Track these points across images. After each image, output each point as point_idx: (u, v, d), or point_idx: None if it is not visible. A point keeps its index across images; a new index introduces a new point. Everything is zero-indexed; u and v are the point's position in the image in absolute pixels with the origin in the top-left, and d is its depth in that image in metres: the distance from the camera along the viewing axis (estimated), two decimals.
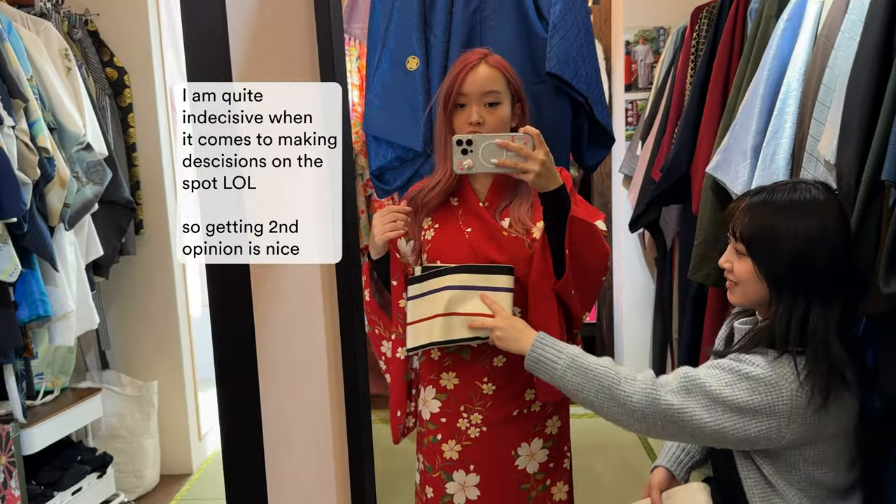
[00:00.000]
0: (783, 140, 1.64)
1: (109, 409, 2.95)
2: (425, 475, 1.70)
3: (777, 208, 1.27)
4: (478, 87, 1.55)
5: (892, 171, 1.16)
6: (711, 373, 1.26)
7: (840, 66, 1.47)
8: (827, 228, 1.24)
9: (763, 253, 1.28)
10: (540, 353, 1.37)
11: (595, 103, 2.00)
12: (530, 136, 1.41)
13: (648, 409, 1.26)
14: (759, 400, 1.22)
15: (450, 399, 1.65)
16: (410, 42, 1.92)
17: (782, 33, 1.73)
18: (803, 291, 1.25)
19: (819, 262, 1.24)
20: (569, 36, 1.88)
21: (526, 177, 1.43)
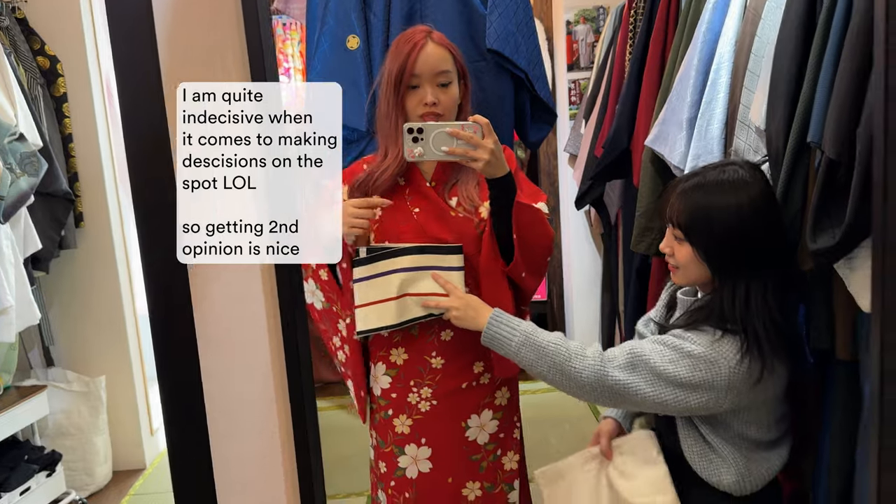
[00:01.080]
0: (717, 110, 1.69)
1: (56, 407, 2.89)
2: (378, 450, 1.71)
3: (708, 192, 1.33)
4: (430, 67, 1.56)
5: (816, 134, 1.21)
6: (656, 349, 1.31)
7: (767, 36, 1.52)
8: (756, 205, 1.29)
9: (699, 236, 1.33)
10: (496, 331, 1.42)
11: (536, 80, 2.02)
12: (479, 125, 1.43)
13: (597, 384, 1.32)
14: (700, 376, 1.28)
15: (399, 374, 1.66)
16: (350, 21, 1.91)
17: (714, 6, 1.77)
18: (741, 269, 1.31)
19: (753, 239, 1.30)
20: (508, 12, 1.90)
21: (475, 164, 1.45)
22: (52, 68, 2.84)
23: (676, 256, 1.38)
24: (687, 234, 1.35)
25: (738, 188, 1.31)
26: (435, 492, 1.66)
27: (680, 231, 1.36)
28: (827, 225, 1.17)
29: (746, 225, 1.29)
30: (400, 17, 1.93)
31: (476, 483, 1.68)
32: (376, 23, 1.93)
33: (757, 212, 1.29)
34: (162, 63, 0.85)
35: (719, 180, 1.33)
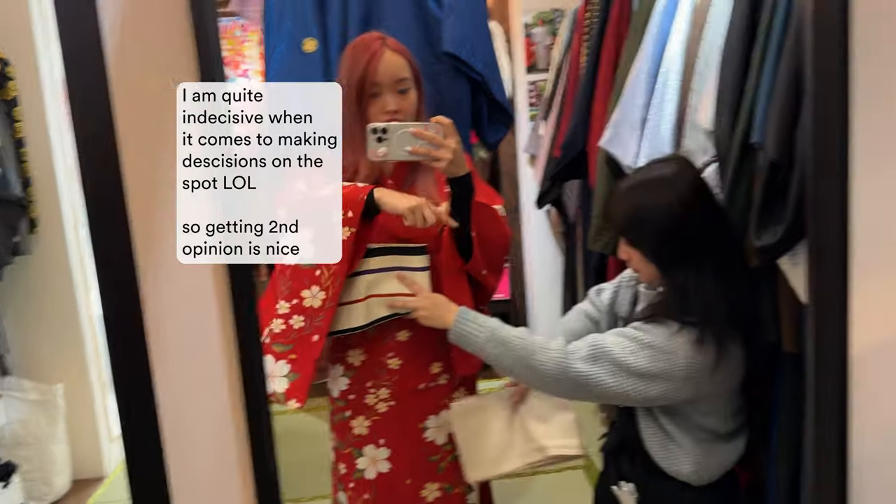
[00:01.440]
0: (667, 112, 1.73)
1: (12, 416, 2.82)
2: (338, 452, 1.72)
3: (636, 194, 1.38)
4: (390, 75, 1.57)
5: (759, 135, 1.26)
6: (617, 340, 1.35)
7: (714, 40, 1.56)
8: (684, 198, 1.33)
9: (638, 238, 1.38)
10: (462, 328, 1.45)
11: (492, 82, 2.05)
12: (442, 126, 1.45)
13: (560, 376, 1.34)
14: (659, 366, 1.31)
15: (357, 375, 1.67)
16: (306, 23, 1.91)
17: (663, 9, 1.82)
18: (682, 263, 1.35)
19: (686, 232, 1.34)
20: (463, 15, 1.92)
21: (438, 164, 1.47)
22: (1, 71, 2.78)
23: (632, 259, 1.42)
24: (627, 238, 1.39)
25: (666, 184, 1.35)
26: (394, 493, 1.68)
27: (623, 237, 1.41)
28: (770, 223, 1.22)
29: (678, 219, 1.33)
30: (357, 20, 1.93)
31: (435, 484, 1.70)
32: (333, 25, 1.94)
33: (686, 205, 1.33)
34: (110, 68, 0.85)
35: (646, 179, 1.39)
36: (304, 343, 1.55)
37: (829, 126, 0.79)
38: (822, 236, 0.83)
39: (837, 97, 0.78)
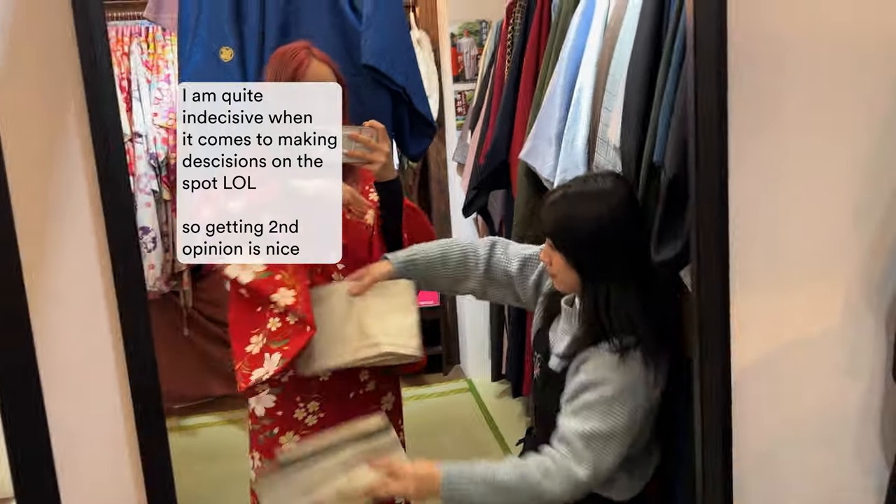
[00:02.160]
0: (580, 127, 1.78)
1: None
2: (263, 471, 1.69)
3: (571, 201, 1.42)
4: None
5: (660, 153, 1.31)
6: (589, 415, 1.34)
7: (623, 58, 1.61)
8: (615, 212, 1.38)
9: (565, 243, 1.41)
10: (453, 492, 1.35)
11: (413, 94, 2.06)
12: (376, 130, 1.47)
13: (573, 489, 1.33)
14: (632, 404, 1.34)
15: (284, 392, 1.66)
16: (223, 32, 1.88)
17: (577, 27, 1.87)
18: (604, 274, 1.39)
19: (612, 245, 1.38)
20: (383, 28, 1.93)
21: (371, 167, 1.50)
22: None
23: (553, 264, 1.45)
24: (555, 242, 1.42)
25: (600, 197, 1.39)
26: None
27: (550, 239, 1.44)
28: (670, 237, 1.27)
29: (606, 231, 1.38)
30: (274, 29, 1.92)
31: None
32: (250, 34, 1.92)
33: (616, 219, 1.38)
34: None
35: (582, 190, 1.44)
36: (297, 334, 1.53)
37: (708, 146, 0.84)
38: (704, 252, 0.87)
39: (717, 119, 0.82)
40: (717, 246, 0.85)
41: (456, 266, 1.62)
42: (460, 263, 1.62)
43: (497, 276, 1.63)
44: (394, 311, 1.55)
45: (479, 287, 1.65)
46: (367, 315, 1.54)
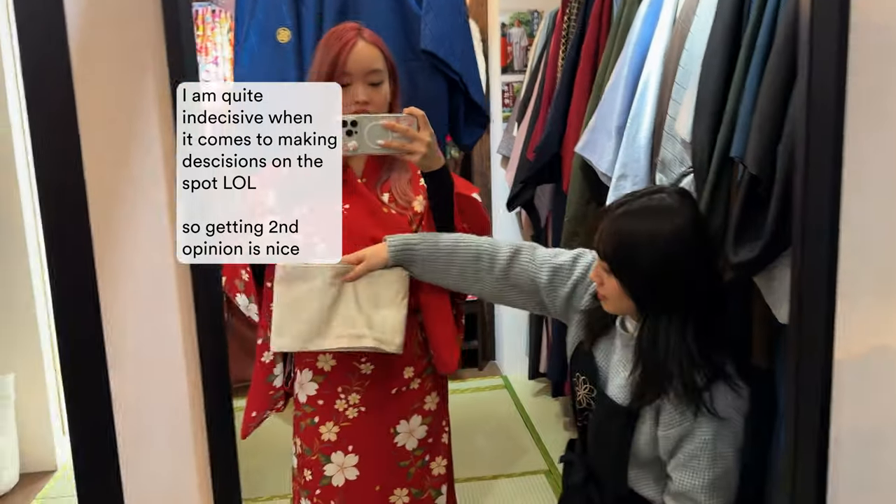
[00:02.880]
0: (644, 120, 1.72)
1: None
2: (303, 458, 1.67)
3: (635, 230, 1.29)
4: (361, 66, 1.51)
5: (739, 149, 1.25)
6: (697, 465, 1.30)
7: (695, 50, 1.56)
8: (682, 239, 1.26)
9: (625, 272, 1.30)
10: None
11: (470, 82, 2.02)
12: (415, 118, 1.41)
13: None
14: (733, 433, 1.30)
15: (327, 381, 1.63)
16: (280, 13, 1.86)
17: (644, 17, 1.81)
18: (667, 306, 1.29)
19: (679, 276, 1.28)
20: (443, 13, 1.89)
21: (412, 157, 1.43)
22: None
23: (605, 286, 1.35)
24: (612, 267, 1.32)
25: (666, 229, 1.27)
26: (362, 500, 1.64)
27: (606, 263, 1.33)
28: (747, 238, 1.21)
29: (672, 263, 1.27)
30: (333, 11, 1.89)
31: (404, 490, 1.67)
32: (308, 16, 1.89)
33: (684, 248, 1.26)
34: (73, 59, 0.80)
35: (647, 219, 1.29)
36: None
37: (821, 143, 0.78)
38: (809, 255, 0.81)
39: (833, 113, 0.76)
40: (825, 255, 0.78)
41: (464, 264, 1.54)
42: (471, 262, 1.54)
43: (521, 282, 1.54)
44: (383, 304, 1.51)
45: (493, 291, 1.57)
46: (353, 302, 1.50)
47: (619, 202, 1.35)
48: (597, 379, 1.44)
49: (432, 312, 1.63)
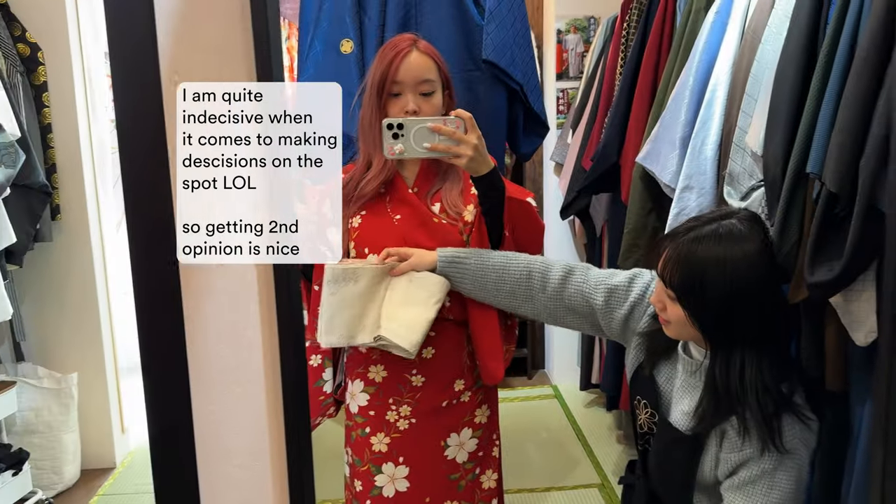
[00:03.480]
0: (711, 131, 1.68)
1: (25, 403, 2.81)
2: (354, 468, 1.68)
3: (704, 259, 1.24)
4: (413, 75, 1.52)
5: (816, 164, 1.21)
6: (751, 490, 1.26)
7: (767, 60, 1.51)
8: (755, 275, 1.22)
9: (692, 302, 1.26)
10: None
11: (530, 92, 2.00)
12: (462, 120, 1.40)
13: None
14: (797, 466, 1.25)
15: (378, 392, 1.63)
16: (344, 24, 1.88)
17: (711, 26, 1.77)
18: (736, 339, 1.25)
19: (749, 309, 1.23)
20: (505, 23, 1.88)
21: (458, 161, 1.42)
22: (32, 56, 2.76)
23: (668, 312, 1.31)
24: (679, 298, 1.27)
25: (734, 245, 1.23)
26: None
27: (673, 292, 1.28)
28: (825, 258, 1.17)
29: (741, 289, 1.22)
30: (395, 22, 1.90)
31: (454, 503, 1.66)
32: (371, 27, 1.90)
33: (753, 272, 1.22)
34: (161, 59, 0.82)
35: (716, 235, 1.24)
36: None
37: None
38: None
39: None
40: None
41: (515, 282, 1.52)
42: (522, 281, 1.51)
43: (575, 303, 1.51)
44: (412, 303, 1.51)
45: (545, 311, 1.54)
46: (387, 300, 1.52)
47: (686, 227, 1.30)
48: (658, 404, 1.41)
49: (478, 323, 1.62)
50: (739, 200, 1.54)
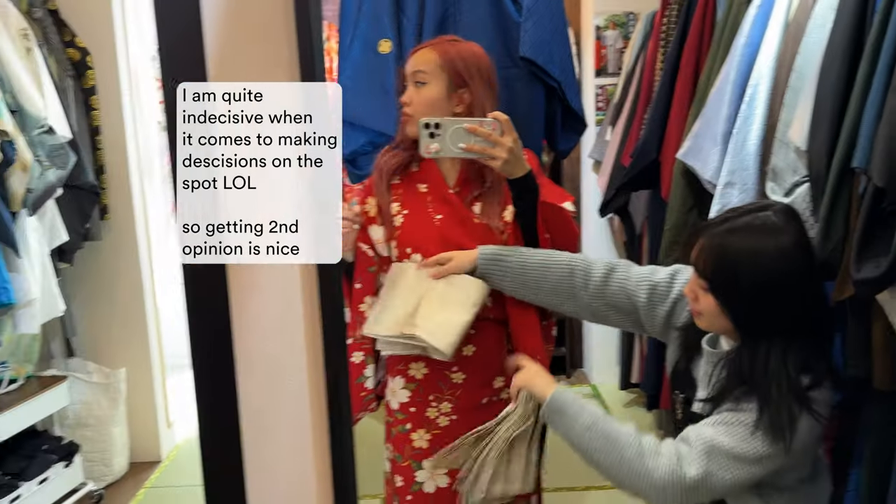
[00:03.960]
0: (754, 126, 1.66)
1: (76, 397, 2.90)
2: (395, 464, 1.70)
3: (737, 249, 1.22)
4: (409, 68, 1.60)
5: (862, 159, 1.19)
6: (722, 430, 1.22)
7: (811, 53, 1.49)
8: (788, 268, 1.20)
9: (724, 292, 1.24)
10: (561, 406, 1.32)
11: (568, 88, 2.00)
12: (499, 122, 1.40)
13: (671, 484, 1.22)
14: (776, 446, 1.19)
15: (419, 388, 1.65)
16: (383, 25, 1.89)
17: (753, 20, 1.74)
18: (767, 330, 1.23)
19: (781, 300, 1.21)
20: (542, 20, 1.88)
21: (493, 163, 1.43)
22: (81, 60, 2.85)
23: (700, 303, 1.29)
24: (712, 288, 1.26)
25: (771, 252, 1.20)
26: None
27: (705, 282, 1.27)
28: (871, 254, 1.15)
29: (774, 281, 1.20)
30: (433, 22, 1.91)
31: None
32: (409, 27, 1.92)
33: (787, 265, 1.20)
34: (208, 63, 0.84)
35: (750, 227, 1.22)
36: None
37: None
38: None
39: None
40: None
41: (557, 280, 1.51)
42: (564, 278, 1.50)
43: (617, 301, 1.49)
44: (450, 304, 1.52)
45: (587, 309, 1.53)
46: (425, 299, 1.53)
47: (721, 218, 1.29)
48: (690, 401, 1.39)
49: (518, 322, 1.62)
50: (783, 196, 1.51)
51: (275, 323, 0.86)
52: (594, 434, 1.26)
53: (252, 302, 0.85)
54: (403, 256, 1.62)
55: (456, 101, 1.59)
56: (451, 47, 1.59)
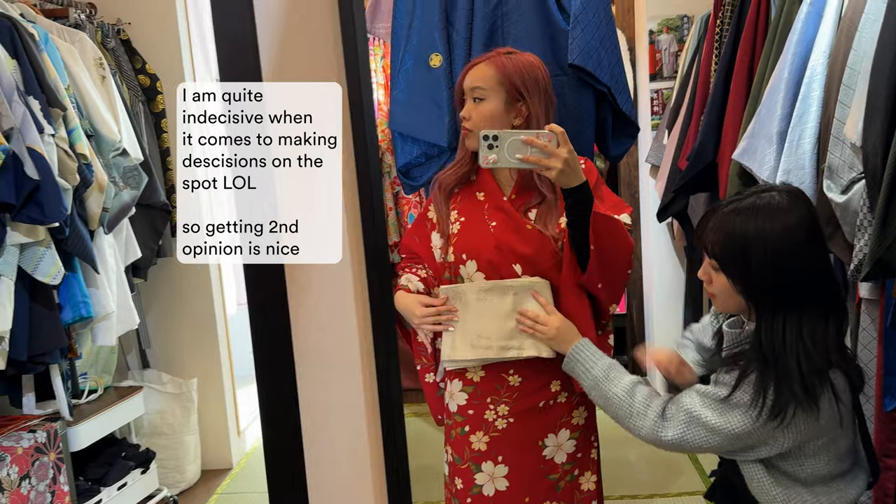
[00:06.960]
0: (809, 124, 1.64)
1: (151, 407, 3.03)
2: (454, 466, 1.72)
3: (742, 220, 1.26)
4: (467, 83, 1.65)
5: None
6: (706, 403, 1.29)
7: (864, 49, 1.47)
8: (795, 245, 1.23)
9: (734, 270, 1.28)
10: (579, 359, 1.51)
11: (618, 94, 2.00)
12: (555, 134, 1.43)
13: (653, 442, 1.37)
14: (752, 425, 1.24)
15: (476, 391, 1.68)
16: (433, 39, 1.94)
17: (806, 17, 1.72)
18: (778, 303, 1.25)
19: (789, 279, 1.24)
20: (590, 27, 1.89)
21: (549, 173, 1.46)
22: (151, 86, 3.00)
23: (714, 284, 1.33)
24: (721, 266, 1.29)
25: (776, 227, 1.23)
26: None
27: (714, 261, 1.31)
28: None
29: (781, 258, 1.23)
30: (482, 36, 1.95)
31: (553, 503, 1.68)
32: (459, 41, 1.96)
33: (794, 254, 1.23)
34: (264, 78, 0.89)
35: (754, 207, 1.26)
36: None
37: None
38: None
39: None
40: None
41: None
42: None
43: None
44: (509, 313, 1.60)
45: None
46: (482, 311, 1.61)
47: (728, 199, 1.34)
48: None
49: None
50: (840, 194, 1.49)
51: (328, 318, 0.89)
52: (596, 395, 1.47)
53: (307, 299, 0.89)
54: (459, 262, 1.65)
55: (514, 114, 1.63)
56: (508, 61, 1.62)
